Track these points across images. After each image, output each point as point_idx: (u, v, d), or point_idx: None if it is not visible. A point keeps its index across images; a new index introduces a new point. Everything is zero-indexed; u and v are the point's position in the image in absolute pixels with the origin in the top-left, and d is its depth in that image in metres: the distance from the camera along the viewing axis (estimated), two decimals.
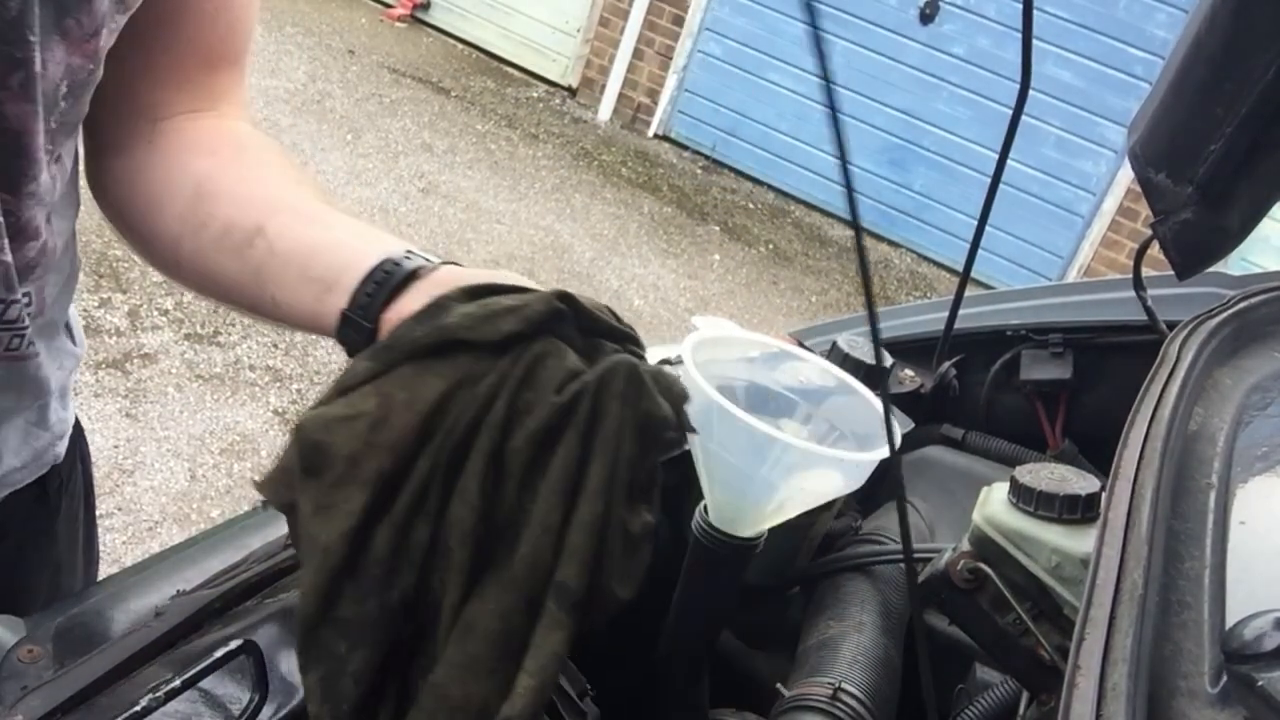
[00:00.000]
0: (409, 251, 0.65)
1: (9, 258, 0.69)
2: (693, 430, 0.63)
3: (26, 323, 0.73)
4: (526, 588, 0.55)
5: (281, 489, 0.58)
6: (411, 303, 0.60)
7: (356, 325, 0.63)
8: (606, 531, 0.56)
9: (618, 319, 0.62)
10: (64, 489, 0.91)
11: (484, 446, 0.55)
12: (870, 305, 0.58)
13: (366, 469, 0.54)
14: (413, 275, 0.63)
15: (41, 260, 0.73)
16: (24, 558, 0.89)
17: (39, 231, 0.71)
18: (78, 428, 0.93)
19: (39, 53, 0.62)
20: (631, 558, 0.59)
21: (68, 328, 0.85)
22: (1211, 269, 1.10)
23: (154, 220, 0.75)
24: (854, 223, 0.54)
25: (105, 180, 0.77)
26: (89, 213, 0.81)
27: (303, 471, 0.56)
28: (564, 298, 0.58)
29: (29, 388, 0.78)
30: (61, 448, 0.88)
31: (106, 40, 0.67)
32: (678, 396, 0.60)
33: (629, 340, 0.61)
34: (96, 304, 3.10)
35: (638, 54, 6.18)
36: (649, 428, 0.57)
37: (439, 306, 0.58)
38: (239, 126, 0.78)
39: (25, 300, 0.73)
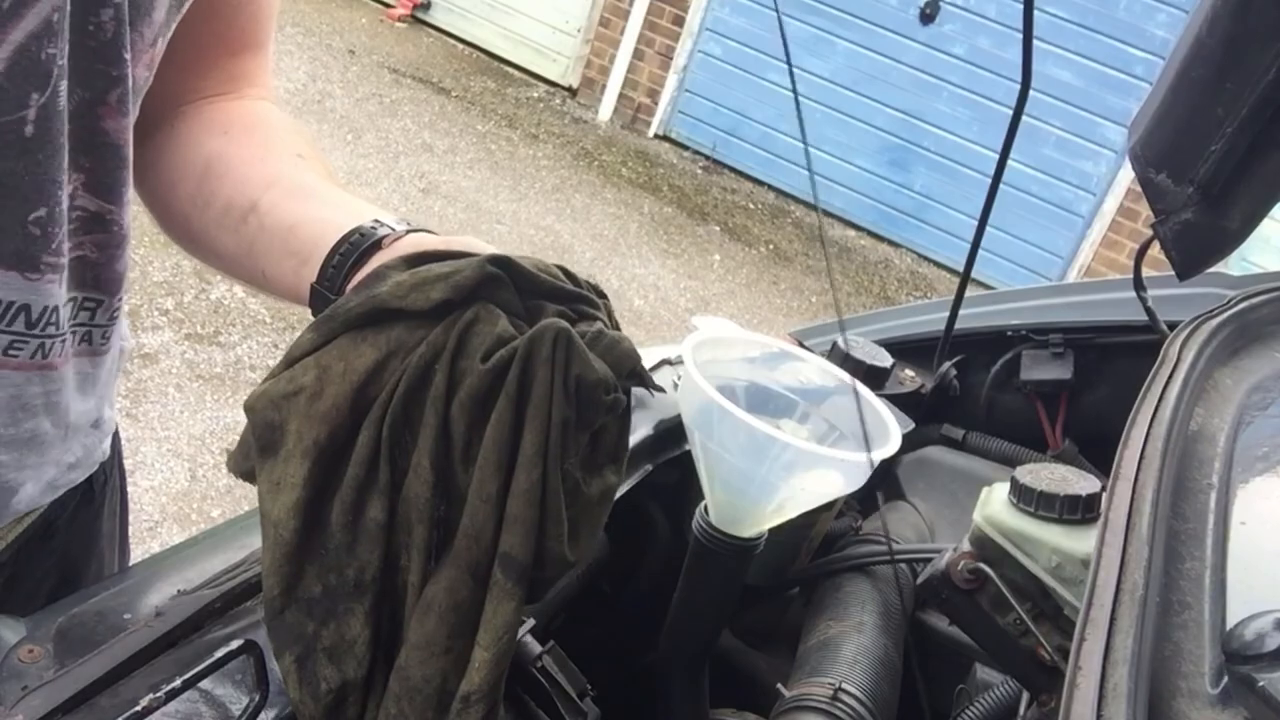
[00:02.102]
0: (377, 221, 0.66)
1: (119, 265, 0.72)
2: (658, 388, 0.63)
3: (118, 320, 0.76)
4: (470, 560, 0.55)
5: (241, 460, 0.59)
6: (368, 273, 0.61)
7: (323, 298, 0.64)
8: (546, 497, 0.56)
9: (568, 278, 0.61)
10: (107, 484, 0.92)
11: (432, 421, 0.55)
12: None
13: (305, 441, 0.55)
14: (376, 245, 0.63)
15: (126, 264, 0.76)
16: (73, 554, 0.90)
17: (130, 235, 0.73)
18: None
19: (130, 69, 0.64)
20: (586, 520, 0.59)
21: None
22: (1212, 269, 1.10)
23: (169, 200, 0.77)
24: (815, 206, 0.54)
25: (149, 176, 0.78)
26: None
27: (259, 451, 0.57)
28: (499, 262, 0.58)
29: (98, 389, 0.80)
30: (107, 445, 0.89)
31: (161, 48, 0.69)
32: (622, 356, 0.59)
33: (576, 300, 0.60)
34: None
35: (638, 54, 6.18)
36: (584, 390, 0.56)
37: (377, 275, 0.58)
38: (257, 106, 0.79)
39: (120, 302, 0.76)
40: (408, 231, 0.65)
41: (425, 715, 0.56)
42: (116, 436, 0.95)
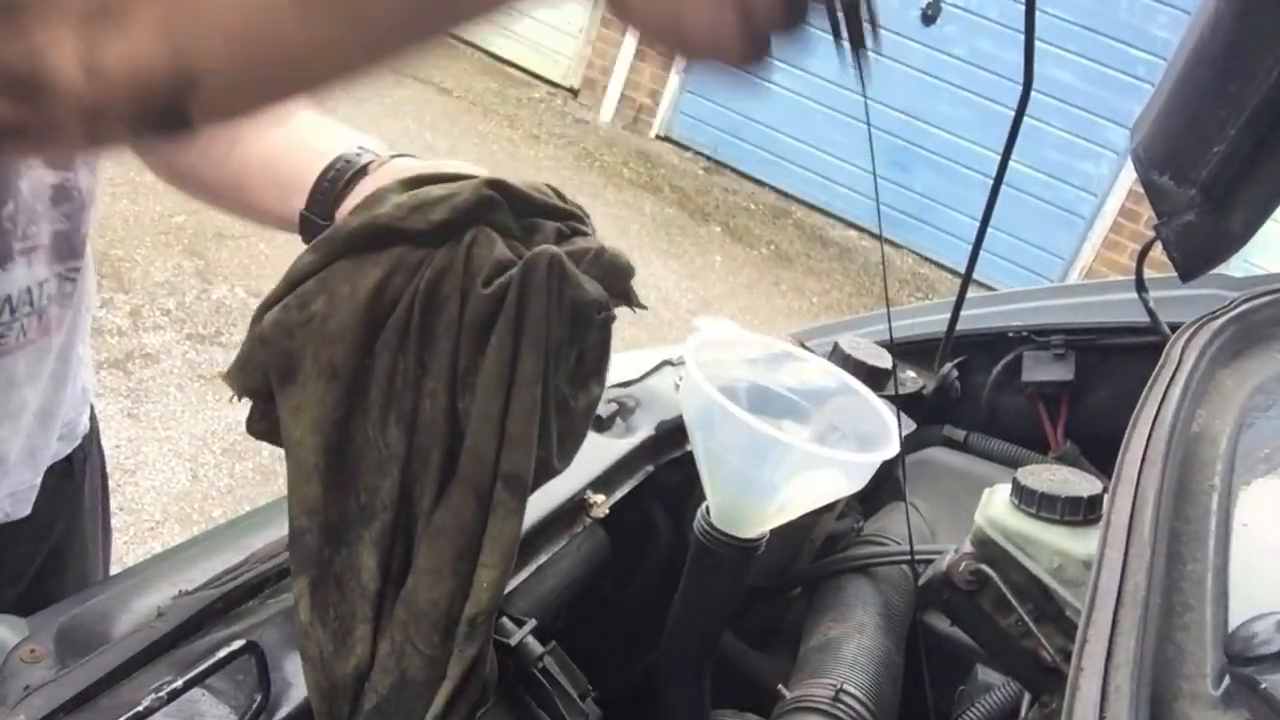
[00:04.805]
0: (361, 147, 0.67)
1: (85, 229, 0.73)
2: (643, 306, 0.66)
3: (78, 281, 0.77)
4: (475, 481, 0.57)
5: (243, 377, 0.59)
6: (360, 197, 0.62)
7: (313, 224, 0.66)
8: (547, 415, 0.58)
9: (559, 197, 0.63)
10: (87, 460, 0.93)
11: (447, 347, 0.57)
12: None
13: (320, 362, 0.57)
14: (363, 171, 0.65)
15: (91, 223, 0.76)
16: (55, 530, 0.91)
17: (94, 197, 0.74)
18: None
19: None
20: (571, 432, 0.61)
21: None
22: (1214, 271, 1.10)
23: (204, 190, 0.77)
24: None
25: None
26: None
27: (279, 382, 0.58)
28: (495, 184, 0.60)
29: (73, 356, 0.82)
30: (86, 418, 0.91)
31: None
32: (618, 272, 0.62)
33: (568, 216, 0.62)
34: (98, 304, 3.09)
35: (639, 54, 6.18)
36: (577, 312, 0.58)
37: (375, 198, 0.60)
38: None
39: (82, 264, 0.77)
40: (392, 157, 0.67)
41: (431, 640, 0.57)
42: (93, 412, 0.96)
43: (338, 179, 0.66)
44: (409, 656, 0.58)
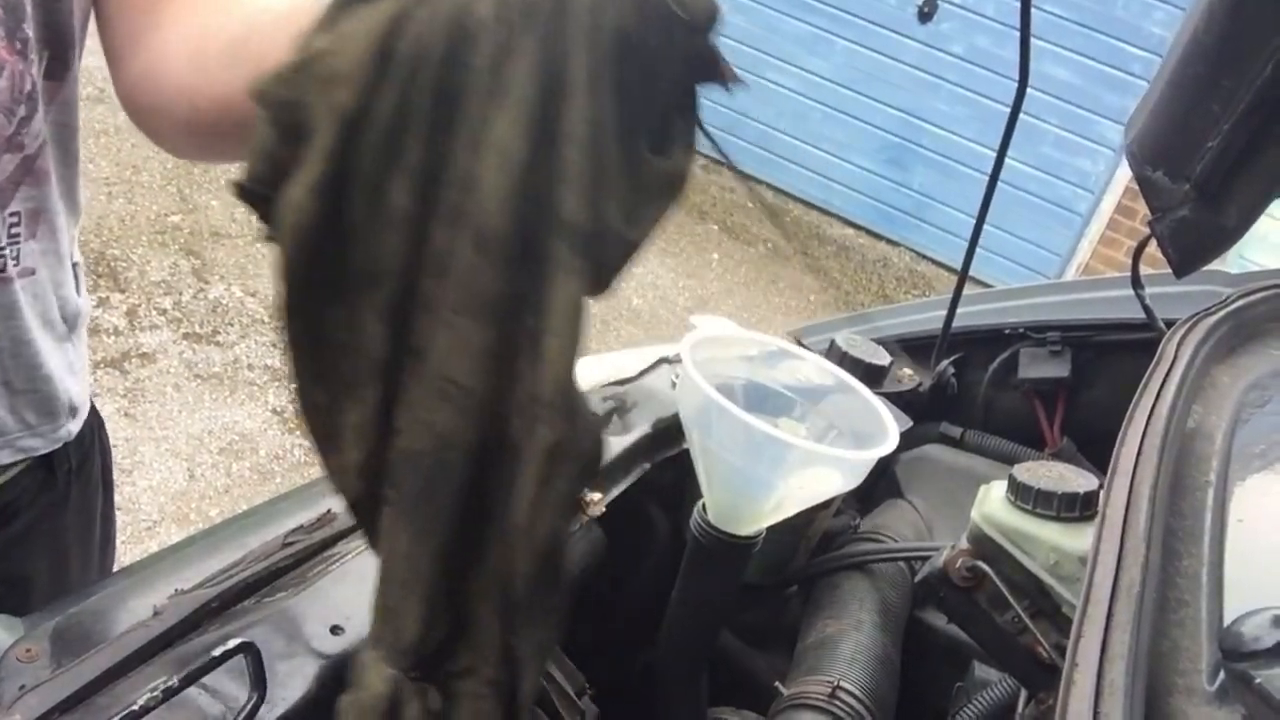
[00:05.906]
0: None
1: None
2: (739, 81, 0.50)
3: (3, 244, 0.73)
4: (521, 230, 0.45)
5: (251, 166, 0.48)
6: None
7: None
8: (603, 146, 0.45)
9: None
10: (74, 474, 0.90)
11: (522, 94, 0.44)
12: None
13: (328, 108, 0.45)
14: None
15: (26, 177, 0.73)
16: (29, 541, 0.88)
17: (19, 143, 0.71)
18: (97, 418, 0.93)
19: None
20: (647, 201, 0.48)
21: (74, 275, 0.85)
22: (1209, 267, 1.10)
23: (202, 75, 0.69)
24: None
25: (142, 86, 0.73)
26: (87, 213, 0.81)
27: (283, 143, 0.47)
28: None
29: (25, 314, 0.78)
30: (74, 426, 0.87)
31: None
32: None
33: None
34: (94, 303, 3.09)
35: None
36: (657, 12, 0.44)
37: None
38: None
39: (14, 220, 0.74)
40: None
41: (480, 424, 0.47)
42: (98, 430, 0.94)
43: None
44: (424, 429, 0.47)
